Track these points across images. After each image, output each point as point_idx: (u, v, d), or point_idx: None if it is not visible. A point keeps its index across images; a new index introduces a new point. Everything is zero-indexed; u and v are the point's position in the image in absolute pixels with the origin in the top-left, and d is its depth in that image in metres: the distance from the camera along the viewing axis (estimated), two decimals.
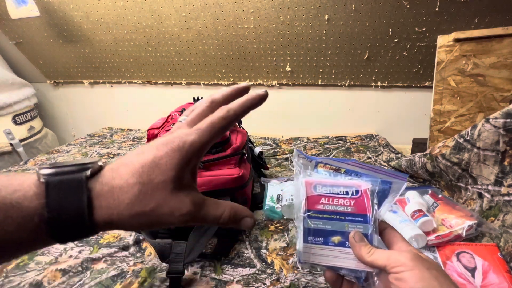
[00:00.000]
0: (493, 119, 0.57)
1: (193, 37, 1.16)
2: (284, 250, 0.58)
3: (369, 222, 0.31)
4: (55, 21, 1.25)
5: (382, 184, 0.32)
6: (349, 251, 0.31)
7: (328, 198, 0.33)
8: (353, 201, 0.32)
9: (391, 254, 0.28)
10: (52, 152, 1.16)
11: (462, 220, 0.54)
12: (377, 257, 0.28)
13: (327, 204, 0.32)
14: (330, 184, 0.33)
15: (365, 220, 0.31)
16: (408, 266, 0.25)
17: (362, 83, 1.15)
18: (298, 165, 0.36)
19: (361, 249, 0.29)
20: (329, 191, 0.33)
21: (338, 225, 0.32)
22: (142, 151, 0.24)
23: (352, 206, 0.32)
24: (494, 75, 0.83)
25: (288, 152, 1.03)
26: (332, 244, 0.31)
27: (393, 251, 0.28)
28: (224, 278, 0.52)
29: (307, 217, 0.32)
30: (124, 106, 1.50)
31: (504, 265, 0.47)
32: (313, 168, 0.36)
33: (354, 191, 0.32)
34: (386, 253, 0.28)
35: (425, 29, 0.96)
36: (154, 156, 0.23)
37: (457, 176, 0.64)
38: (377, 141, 1.08)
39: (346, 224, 0.32)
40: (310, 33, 1.06)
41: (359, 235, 0.30)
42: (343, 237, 0.31)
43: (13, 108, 1.30)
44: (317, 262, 0.31)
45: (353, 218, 0.32)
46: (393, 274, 0.26)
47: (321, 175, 0.35)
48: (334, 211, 0.32)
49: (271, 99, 1.20)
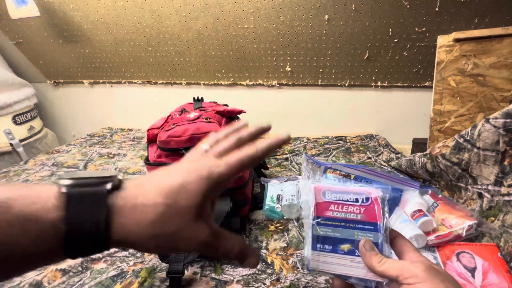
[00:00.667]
0: (493, 119, 0.57)
1: (193, 37, 1.16)
2: (284, 250, 0.58)
3: (380, 231, 0.30)
4: (55, 21, 1.25)
5: (393, 192, 0.32)
6: (358, 260, 0.30)
7: (337, 205, 0.32)
8: (363, 209, 0.31)
9: (404, 265, 0.27)
10: (52, 152, 1.16)
11: (462, 220, 0.54)
12: (388, 267, 0.27)
13: (336, 211, 0.32)
14: (339, 191, 0.32)
15: (376, 228, 0.30)
16: (421, 277, 0.25)
17: (362, 83, 1.15)
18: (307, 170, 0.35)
19: (372, 258, 0.28)
20: (339, 197, 0.32)
21: (347, 233, 0.31)
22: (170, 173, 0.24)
23: (362, 213, 0.31)
24: (494, 75, 0.83)
25: (288, 152, 1.03)
26: (342, 252, 0.31)
27: (405, 262, 0.28)
28: (224, 278, 0.52)
29: (316, 224, 0.32)
30: (124, 106, 1.50)
31: (504, 265, 0.47)
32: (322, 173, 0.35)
33: (364, 199, 0.32)
34: (398, 263, 0.28)
35: (425, 29, 0.96)
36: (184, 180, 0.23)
37: (457, 176, 0.64)
38: (377, 141, 1.08)
39: (356, 232, 0.31)
40: (310, 33, 1.06)
41: (370, 243, 0.30)
42: (352, 245, 0.30)
43: (13, 108, 1.30)
44: (325, 270, 0.31)
45: (363, 226, 0.31)
46: (405, 285, 0.26)
47: (330, 181, 0.34)
48: (343, 219, 0.31)
49: (271, 99, 1.20)
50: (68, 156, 1.12)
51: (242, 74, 1.24)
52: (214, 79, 1.29)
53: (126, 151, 1.15)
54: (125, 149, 1.16)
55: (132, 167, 1.00)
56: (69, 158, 1.09)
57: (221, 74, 1.26)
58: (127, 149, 1.16)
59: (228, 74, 1.26)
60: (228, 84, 1.29)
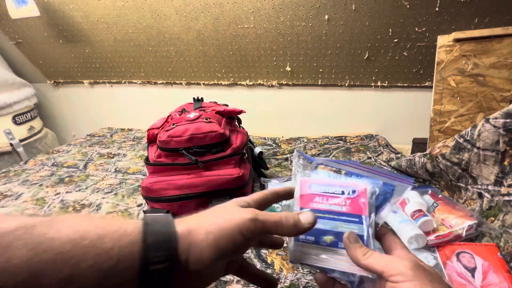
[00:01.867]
0: (493, 119, 0.57)
1: (193, 37, 1.16)
2: (284, 250, 0.58)
3: (366, 223, 0.29)
4: (55, 21, 1.25)
5: (385, 187, 0.31)
6: (342, 252, 0.29)
7: (322, 197, 0.31)
8: (348, 201, 0.31)
9: (390, 261, 0.26)
10: (52, 152, 1.16)
11: (462, 220, 0.54)
12: (373, 261, 0.26)
13: (321, 203, 0.31)
14: (326, 184, 0.32)
15: (360, 221, 0.30)
16: (408, 276, 0.24)
17: (362, 83, 1.15)
18: (297, 165, 0.35)
19: (356, 250, 0.27)
20: (325, 190, 0.32)
21: (330, 224, 0.30)
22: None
23: (347, 206, 0.30)
24: (494, 75, 0.82)
25: (288, 152, 1.03)
26: (324, 244, 0.30)
27: (392, 257, 0.27)
28: (224, 278, 0.52)
29: None
30: (124, 106, 1.50)
31: (504, 265, 0.47)
32: (313, 169, 0.35)
33: (351, 191, 0.31)
34: (385, 258, 0.27)
35: (425, 29, 0.96)
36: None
37: (457, 176, 0.64)
38: (377, 141, 1.08)
39: (340, 224, 0.30)
40: (310, 33, 1.06)
41: (354, 236, 0.28)
42: (336, 237, 0.30)
43: (13, 108, 1.30)
44: (308, 263, 0.30)
45: (348, 218, 0.30)
46: (390, 283, 0.25)
47: (319, 176, 0.34)
48: (327, 210, 0.31)
49: (271, 99, 1.20)
50: (68, 156, 1.12)
51: (242, 74, 1.24)
52: (214, 79, 1.29)
53: (126, 151, 1.15)
54: (125, 149, 1.16)
55: (132, 167, 1.00)
56: (69, 158, 1.09)
57: (221, 74, 1.26)
58: (127, 149, 1.16)
59: (228, 74, 1.26)
60: (228, 84, 1.29)
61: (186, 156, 0.64)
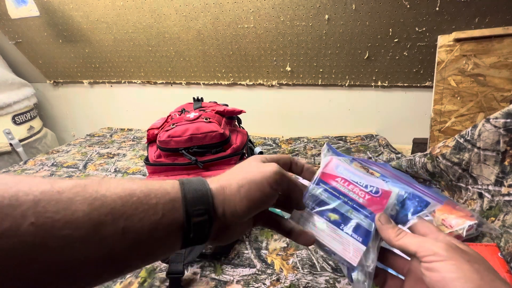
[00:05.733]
0: (493, 119, 0.56)
1: (193, 37, 1.16)
2: (284, 250, 0.58)
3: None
4: (55, 21, 1.25)
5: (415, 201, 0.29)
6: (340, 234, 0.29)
7: (345, 181, 0.31)
8: (368, 196, 0.30)
9: (424, 241, 0.25)
10: (51, 152, 1.16)
11: (463, 220, 0.54)
12: (406, 241, 0.26)
13: (341, 185, 0.31)
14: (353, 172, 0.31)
15: (372, 217, 0.29)
16: (442, 256, 0.23)
17: (362, 83, 1.15)
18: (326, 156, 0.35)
19: (389, 231, 0.27)
20: (350, 177, 0.31)
21: (342, 207, 0.30)
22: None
23: (365, 200, 0.30)
24: (494, 75, 0.82)
25: (288, 152, 1.03)
26: (327, 219, 0.30)
27: (427, 238, 0.26)
28: (224, 278, 0.52)
29: (316, 183, 0.31)
30: (124, 106, 1.50)
31: (504, 265, 0.47)
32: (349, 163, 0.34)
33: (375, 190, 0.30)
34: (418, 238, 0.26)
35: (426, 29, 0.96)
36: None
37: (457, 176, 0.64)
38: (377, 141, 1.08)
39: (351, 210, 0.30)
40: (310, 33, 1.05)
41: (385, 216, 0.28)
42: (341, 219, 0.29)
43: (13, 108, 1.30)
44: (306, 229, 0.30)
45: (361, 209, 0.29)
46: (424, 263, 0.24)
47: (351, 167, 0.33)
48: (344, 193, 0.30)
49: (271, 99, 1.20)
50: (68, 156, 1.12)
51: (242, 74, 1.24)
52: (214, 79, 1.29)
53: (126, 151, 1.14)
54: (125, 149, 1.16)
55: (132, 167, 1.00)
56: (68, 158, 1.09)
57: (221, 74, 1.26)
58: (127, 149, 1.16)
59: (228, 74, 1.26)
60: (228, 84, 1.29)
61: (186, 156, 0.64)
